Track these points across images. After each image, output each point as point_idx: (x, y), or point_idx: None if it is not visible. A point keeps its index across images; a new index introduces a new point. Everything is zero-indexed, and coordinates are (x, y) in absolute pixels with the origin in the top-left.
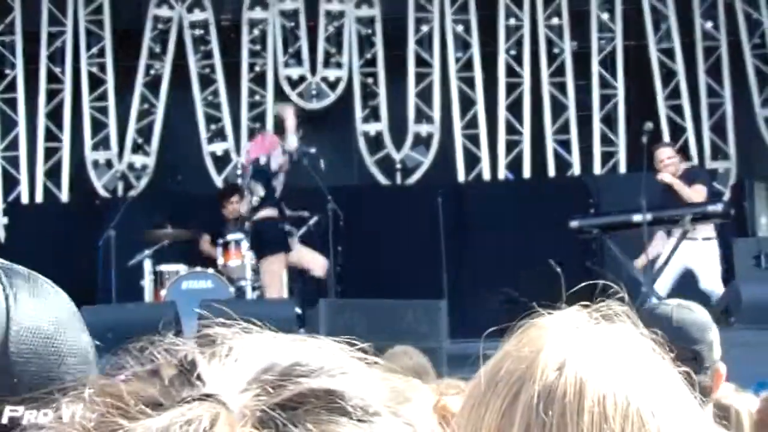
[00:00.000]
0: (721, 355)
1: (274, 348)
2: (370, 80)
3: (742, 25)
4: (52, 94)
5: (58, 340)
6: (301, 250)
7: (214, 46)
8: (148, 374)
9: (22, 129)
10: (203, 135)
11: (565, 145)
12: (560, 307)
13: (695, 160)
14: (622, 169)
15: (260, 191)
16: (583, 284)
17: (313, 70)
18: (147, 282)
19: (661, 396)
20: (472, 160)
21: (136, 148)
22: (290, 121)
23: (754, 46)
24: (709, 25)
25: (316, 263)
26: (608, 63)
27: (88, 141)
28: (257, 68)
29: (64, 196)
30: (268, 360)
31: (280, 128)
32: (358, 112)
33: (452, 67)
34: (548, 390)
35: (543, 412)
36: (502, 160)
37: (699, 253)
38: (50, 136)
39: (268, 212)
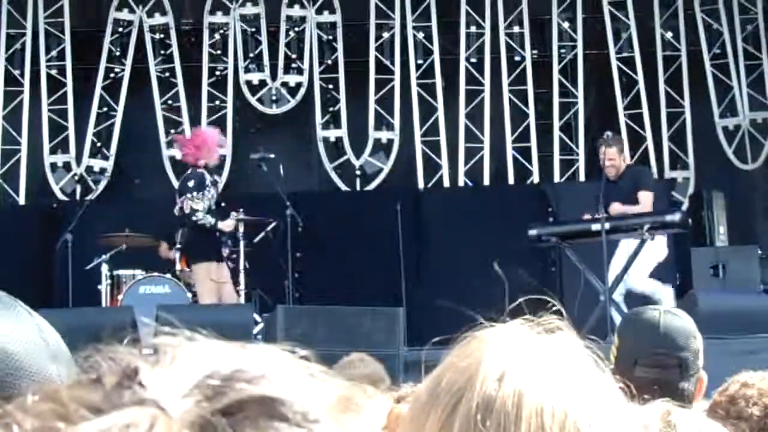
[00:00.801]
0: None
1: (217, 355)
2: (330, 86)
3: (702, 35)
4: (10, 96)
5: (20, 363)
6: (223, 271)
7: (175, 50)
8: (90, 381)
9: None
10: (162, 139)
11: (525, 152)
12: (504, 318)
13: (654, 170)
14: (582, 177)
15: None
16: (529, 297)
17: (274, 75)
18: (104, 286)
19: (598, 408)
20: (432, 167)
21: (95, 152)
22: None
23: (714, 56)
24: (669, 35)
25: (229, 294)
26: (569, 71)
27: (46, 144)
28: (217, 73)
29: (22, 199)
30: (211, 367)
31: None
32: (318, 118)
33: (413, 74)
34: (487, 401)
35: (481, 423)
36: (462, 167)
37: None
38: (8, 138)
39: (227, 224)
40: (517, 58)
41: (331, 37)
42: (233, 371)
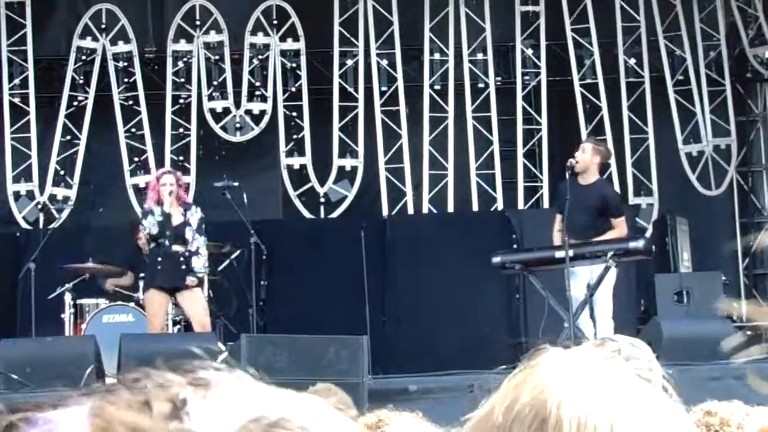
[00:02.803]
0: None
1: (264, 398)
2: (294, 113)
3: (665, 61)
4: None
5: None
6: (191, 298)
7: (138, 78)
8: (139, 404)
9: None
10: (126, 167)
11: (489, 179)
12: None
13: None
14: (546, 204)
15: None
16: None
17: (238, 102)
18: (67, 315)
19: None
20: (396, 194)
21: (58, 180)
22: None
23: (677, 82)
24: (632, 61)
25: (197, 320)
26: (532, 98)
27: (9, 172)
28: (181, 100)
29: None
30: (257, 410)
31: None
32: (282, 146)
33: (377, 101)
34: (576, 422)
35: None
36: (426, 194)
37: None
38: None
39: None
40: (480, 85)
41: (294, 65)
42: (279, 419)
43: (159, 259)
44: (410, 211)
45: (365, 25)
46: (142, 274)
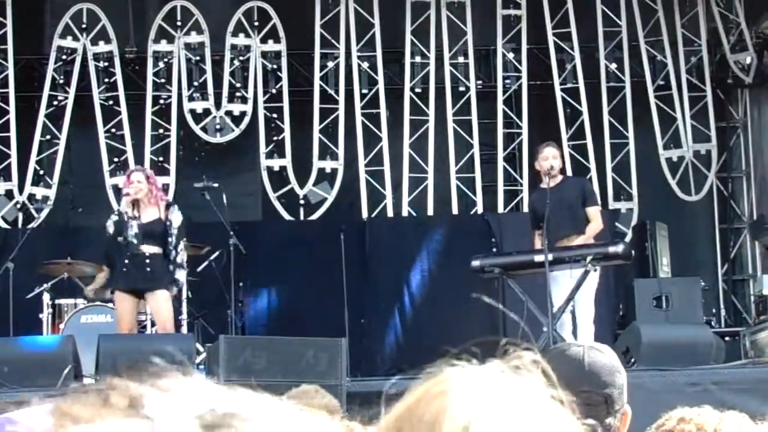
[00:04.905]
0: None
1: (218, 398)
2: (274, 115)
3: (647, 66)
4: None
5: None
6: (156, 301)
7: (119, 78)
8: (99, 402)
9: None
10: (106, 167)
11: (469, 183)
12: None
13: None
14: (525, 208)
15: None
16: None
17: (218, 104)
18: (45, 315)
19: None
20: (376, 197)
21: (38, 180)
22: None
23: (658, 87)
24: (613, 66)
25: (160, 323)
26: (513, 102)
27: None
28: (161, 101)
29: None
30: (209, 404)
31: None
32: (262, 147)
33: (357, 104)
34: None
35: None
36: (406, 197)
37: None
38: None
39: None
40: (461, 89)
41: (275, 66)
42: (229, 412)
43: (125, 261)
44: (390, 213)
45: (346, 27)
46: None
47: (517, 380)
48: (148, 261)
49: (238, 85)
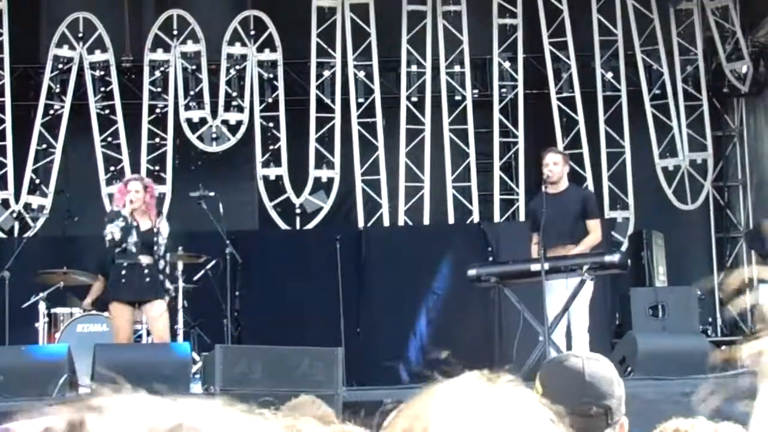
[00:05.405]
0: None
1: (157, 409)
2: (271, 124)
3: (643, 75)
4: None
5: None
6: (153, 313)
7: (115, 87)
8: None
9: None
10: (102, 176)
11: (465, 192)
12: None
13: None
14: (522, 217)
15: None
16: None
17: (214, 113)
18: (41, 324)
19: None
20: (372, 206)
21: (34, 189)
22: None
23: (654, 96)
24: (609, 75)
25: (157, 335)
26: (509, 111)
27: None
28: (158, 110)
29: None
30: (151, 421)
31: None
32: (259, 156)
33: (353, 113)
34: None
35: None
36: (402, 206)
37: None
38: None
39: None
40: (457, 98)
41: (271, 75)
42: (172, 426)
43: (123, 272)
44: (386, 222)
45: (342, 36)
46: None
47: (501, 393)
48: (146, 271)
49: (235, 94)
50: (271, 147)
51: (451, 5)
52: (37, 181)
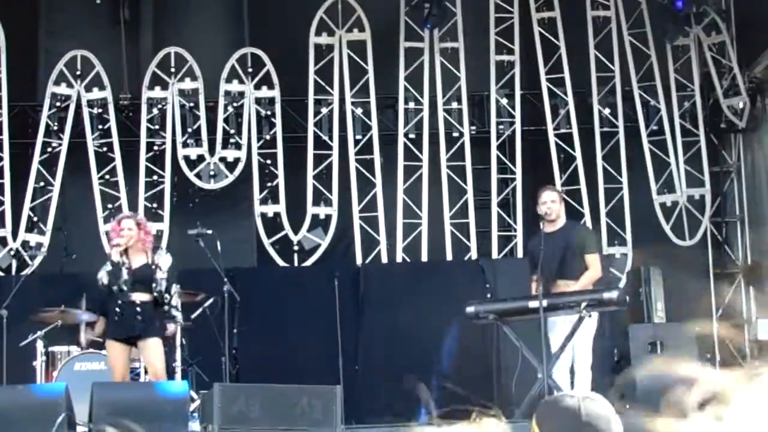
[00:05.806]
0: None
1: None
2: (268, 161)
3: (640, 111)
4: None
5: None
6: (149, 350)
7: (113, 124)
8: None
9: None
10: (100, 214)
11: (463, 228)
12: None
13: None
14: (520, 253)
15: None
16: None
17: (212, 150)
18: (39, 363)
19: None
20: (370, 243)
21: (31, 227)
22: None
23: (651, 132)
24: (607, 111)
25: (152, 372)
26: (507, 147)
27: None
28: (155, 147)
29: None
30: None
31: None
32: (256, 193)
33: (351, 150)
34: None
35: None
36: (400, 243)
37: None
38: None
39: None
40: (455, 134)
41: (269, 113)
42: None
43: (117, 309)
44: (384, 259)
45: (340, 73)
46: None
47: None
48: (139, 309)
49: (232, 131)
50: (268, 184)
51: (449, 42)
52: (35, 218)
